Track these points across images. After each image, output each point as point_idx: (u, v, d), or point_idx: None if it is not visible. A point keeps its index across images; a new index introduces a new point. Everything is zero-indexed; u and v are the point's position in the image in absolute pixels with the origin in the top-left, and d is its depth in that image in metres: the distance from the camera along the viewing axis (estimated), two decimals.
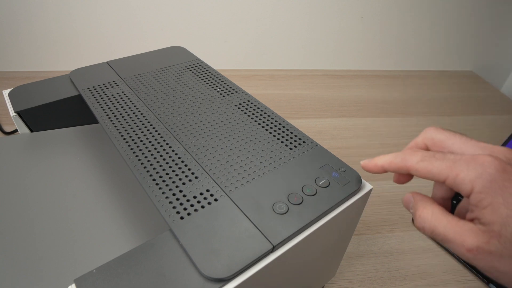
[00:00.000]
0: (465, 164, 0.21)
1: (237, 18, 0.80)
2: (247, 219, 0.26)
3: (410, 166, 0.24)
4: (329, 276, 0.40)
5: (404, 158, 0.24)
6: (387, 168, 0.26)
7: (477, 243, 0.20)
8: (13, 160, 0.36)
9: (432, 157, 0.23)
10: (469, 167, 0.21)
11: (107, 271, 0.23)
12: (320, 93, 0.82)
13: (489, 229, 0.20)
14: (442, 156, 0.22)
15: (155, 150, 0.31)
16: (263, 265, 0.24)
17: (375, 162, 0.26)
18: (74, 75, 0.43)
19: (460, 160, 0.21)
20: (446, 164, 0.22)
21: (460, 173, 0.21)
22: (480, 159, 0.21)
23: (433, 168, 0.22)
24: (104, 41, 0.77)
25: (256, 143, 0.33)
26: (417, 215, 0.23)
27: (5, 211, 0.31)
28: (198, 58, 0.48)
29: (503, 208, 0.19)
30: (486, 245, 0.20)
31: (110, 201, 0.33)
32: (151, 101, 0.38)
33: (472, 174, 0.20)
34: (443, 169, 0.22)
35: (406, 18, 0.89)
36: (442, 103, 0.84)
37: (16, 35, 0.72)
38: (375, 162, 0.26)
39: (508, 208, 0.19)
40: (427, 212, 0.23)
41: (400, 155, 0.25)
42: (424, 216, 0.23)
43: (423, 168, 0.23)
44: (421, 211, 0.23)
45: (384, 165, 0.26)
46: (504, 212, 0.19)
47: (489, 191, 0.20)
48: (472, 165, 0.21)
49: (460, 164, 0.21)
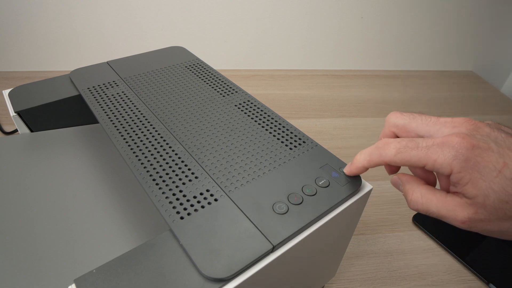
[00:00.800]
0: (439, 149, 0.23)
1: (237, 18, 0.80)
2: (247, 219, 0.26)
3: (388, 161, 0.25)
4: (329, 276, 0.40)
5: (380, 154, 0.26)
6: (368, 167, 0.27)
7: (468, 215, 0.22)
8: (13, 160, 0.36)
9: (406, 147, 0.24)
10: (443, 151, 0.23)
11: (107, 271, 0.23)
12: (320, 93, 0.82)
13: (474, 201, 0.22)
14: (415, 144, 0.24)
15: (155, 150, 0.31)
16: (263, 265, 0.24)
17: (356, 166, 0.28)
18: (74, 75, 0.43)
19: (433, 146, 0.23)
20: (422, 152, 0.23)
21: (437, 158, 0.23)
22: (450, 141, 0.23)
23: (410, 158, 0.24)
24: (104, 41, 0.77)
25: (256, 143, 0.33)
26: (409, 199, 0.26)
27: (5, 211, 0.31)
28: (198, 58, 0.48)
29: (481, 181, 0.22)
30: (475, 215, 0.22)
31: (110, 201, 0.33)
32: (151, 101, 0.38)
33: (448, 157, 0.22)
34: (420, 158, 0.23)
35: (406, 18, 0.89)
36: (442, 103, 0.84)
37: (16, 35, 0.72)
38: (356, 166, 0.28)
39: (485, 180, 0.21)
40: (417, 196, 0.25)
41: (376, 151, 0.26)
42: (415, 199, 0.25)
43: (401, 160, 0.24)
44: (411, 195, 0.26)
45: (365, 165, 0.27)
46: (483, 185, 0.21)
47: (466, 169, 0.22)
48: (445, 148, 0.23)
49: (435, 150, 0.23)
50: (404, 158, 0.24)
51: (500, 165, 0.21)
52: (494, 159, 0.22)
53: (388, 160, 0.25)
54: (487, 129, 0.24)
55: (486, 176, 0.21)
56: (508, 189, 0.21)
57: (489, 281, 0.44)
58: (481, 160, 0.22)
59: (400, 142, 0.25)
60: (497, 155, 0.22)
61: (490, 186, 0.21)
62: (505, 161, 0.21)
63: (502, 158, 0.22)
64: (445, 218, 0.24)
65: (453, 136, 0.23)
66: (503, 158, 0.22)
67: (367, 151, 0.27)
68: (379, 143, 0.26)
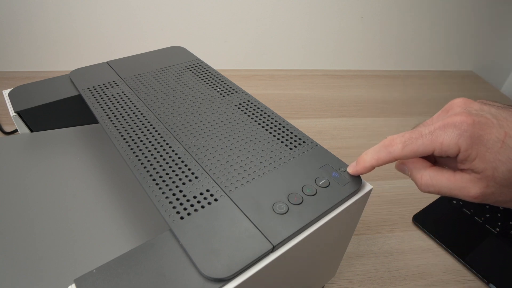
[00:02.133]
0: (442, 131, 0.23)
1: (237, 18, 0.80)
2: (247, 219, 0.26)
3: (397, 156, 0.25)
4: (329, 276, 0.40)
5: (388, 152, 0.26)
6: (376, 165, 0.27)
7: (479, 189, 0.23)
8: (13, 160, 0.36)
9: (411, 138, 0.25)
10: (447, 133, 0.23)
11: (107, 271, 0.23)
12: (320, 93, 0.82)
13: (484, 175, 0.22)
14: (418, 133, 0.24)
15: (155, 150, 0.31)
16: (263, 265, 0.24)
17: (363, 165, 0.28)
18: (74, 75, 0.43)
19: (436, 130, 0.24)
20: (427, 139, 0.24)
21: (443, 141, 0.23)
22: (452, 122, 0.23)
23: (418, 148, 0.24)
24: (104, 41, 0.77)
25: (256, 143, 0.33)
26: (419, 183, 0.26)
27: (5, 211, 0.31)
28: (198, 58, 0.48)
29: (488, 154, 0.22)
30: (486, 188, 0.23)
31: (110, 201, 0.33)
32: (151, 101, 0.38)
33: (453, 137, 0.23)
34: (427, 145, 0.24)
35: (406, 18, 0.89)
36: (442, 103, 0.83)
37: (16, 35, 0.72)
38: (363, 165, 0.28)
39: (491, 152, 0.22)
40: (426, 179, 0.25)
41: (384, 149, 0.26)
42: (425, 182, 0.25)
43: (410, 152, 0.25)
44: (420, 179, 0.26)
45: (373, 163, 0.27)
46: (490, 157, 0.22)
47: (472, 145, 0.22)
48: (448, 129, 0.23)
49: (439, 134, 0.23)
50: (412, 149, 0.24)
51: (502, 135, 0.22)
52: (495, 130, 0.22)
53: (397, 155, 0.25)
54: (478, 104, 0.24)
55: (491, 148, 0.22)
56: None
57: (489, 281, 0.44)
58: (484, 133, 0.22)
59: (403, 136, 0.25)
60: (497, 126, 0.22)
61: (496, 157, 0.22)
62: (505, 131, 0.22)
63: (502, 128, 0.22)
64: (457, 196, 0.24)
65: (452, 116, 0.23)
66: (503, 128, 0.22)
67: (374, 150, 0.27)
68: (385, 141, 0.26)
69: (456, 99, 0.26)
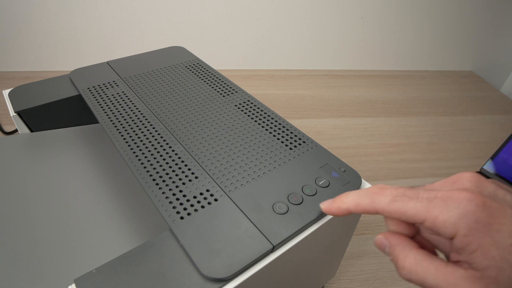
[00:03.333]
0: (442, 203, 0.19)
1: (237, 18, 0.80)
2: (247, 219, 0.26)
3: (380, 209, 0.21)
4: (329, 276, 0.40)
5: (372, 200, 0.21)
6: (353, 211, 0.23)
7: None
8: (13, 160, 0.36)
9: (404, 195, 0.20)
10: (448, 207, 0.19)
11: (107, 271, 0.23)
12: (320, 93, 0.82)
13: (484, 275, 0.18)
14: (414, 194, 0.20)
15: (155, 150, 0.31)
16: (263, 265, 0.24)
17: (339, 206, 0.24)
18: (74, 75, 0.43)
19: (436, 199, 0.19)
20: (421, 205, 0.19)
21: (439, 215, 0.19)
22: (457, 196, 0.19)
23: (407, 210, 0.20)
24: (104, 41, 0.77)
25: (256, 143, 0.33)
26: (400, 266, 0.21)
27: (5, 211, 0.31)
28: (198, 58, 0.48)
29: (494, 249, 0.17)
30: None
31: (110, 201, 0.33)
32: (151, 101, 0.38)
33: (453, 215, 0.18)
34: (419, 211, 0.19)
35: (406, 18, 0.89)
36: (442, 103, 0.84)
37: (16, 35, 0.72)
38: (338, 206, 0.24)
39: (499, 248, 0.17)
40: (410, 262, 0.20)
41: (368, 195, 0.22)
42: (408, 267, 0.20)
43: (396, 211, 0.20)
44: (403, 261, 0.20)
45: (350, 208, 0.23)
46: (496, 254, 0.17)
47: (475, 233, 0.18)
48: (450, 204, 0.19)
49: (437, 204, 0.19)
50: (400, 209, 0.20)
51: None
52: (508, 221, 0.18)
53: (380, 208, 0.21)
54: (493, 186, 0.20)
55: (500, 243, 0.17)
56: None
57: None
58: (494, 222, 0.18)
59: (397, 189, 0.21)
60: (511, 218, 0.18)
61: (504, 256, 0.17)
62: None
63: None
64: None
65: (460, 190, 0.19)
66: None
67: (357, 194, 0.23)
68: (374, 188, 0.22)
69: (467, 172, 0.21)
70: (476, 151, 0.68)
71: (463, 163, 0.65)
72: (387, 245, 0.22)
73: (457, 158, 0.66)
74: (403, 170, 0.62)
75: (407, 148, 0.67)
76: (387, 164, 0.62)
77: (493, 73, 1.00)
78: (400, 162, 0.63)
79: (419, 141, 0.70)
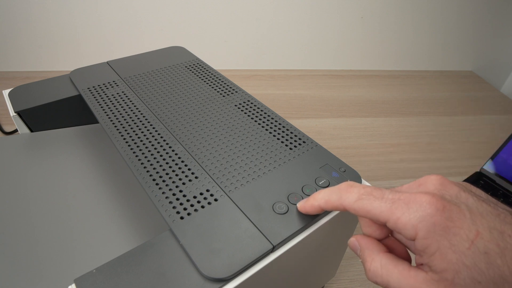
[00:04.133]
0: (405, 205, 0.19)
1: (237, 18, 0.80)
2: (247, 219, 0.26)
3: (347, 206, 0.22)
4: (329, 276, 0.40)
5: (340, 197, 0.22)
6: (324, 208, 0.24)
7: None
8: (13, 160, 0.36)
9: (370, 195, 0.21)
10: (409, 210, 0.19)
11: (107, 271, 0.23)
12: (320, 93, 0.82)
13: (442, 277, 0.18)
14: (380, 194, 0.21)
15: (155, 150, 0.31)
16: (263, 265, 0.24)
17: (311, 203, 0.25)
18: (74, 75, 0.43)
19: (399, 201, 0.20)
20: (385, 205, 0.20)
21: (401, 216, 0.19)
22: (418, 199, 0.19)
23: (372, 209, 0.20)
24: (104, 41, 0.77)
25: (256, 143, 0.33)
26: (367, 268, 0.21)
27: (5, 211, 0.31)
28: (198, 58, 0.48)
29: (451, 253, 0.18)
30: None
31: (110, 201, 0.33)
32: (151, 101, 0.38)
33: (413, 217, 0.19)
34: (382, 211, 0.20)
35: (406, 18, 0.89)
36: (442, 103, 0.84)
37: (16, 35, 0.72)
38: (311, 203, 0.25)
39: (456, 252, 0.18)
40: (376, 265, 0.21)
41: (337, 192, 0.23)
42: (374, 269, 0.21)
43: (361, 209, 0.21)
44: (369, 264, 0.21)
45: (321, 205, 0.24)
46: (453, 257, 0.18)
47: (434, 236, 0.18)
48: (412, 206, 0.19)
49: (400, 206, 0.19)
50: (364, 207, 0.21)
51: (473, 234, 0.18)
52: (466, 225, 0.18)
53: (347, 205, 0.22)
54: (456, 189, 0.20)
55: (457, 246, 0.18)
56: (481, 266, 0.17)
57: None
58: (452, 225, 0.18)
59: (364, 188, 0.21)
60: (470, 222, 0.18)
61: (461, 259, 0.17)
62: (478, 229, 0.18)
63: (475, 225, 0.18)
64: None
65: (422, 193, 0.19)
66: (476, 226, 0.18)
67: (328, 191, 0.24)
68: (342, 185, 0.23)
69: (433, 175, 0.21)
70: (476, 151, 0.68)
71: (463, 163, 0.65)
72: (358, 247, 0.23)
73: (457, 158, 0.66)
74: (403, 170, 0.62)
75: (407, 148, 0.67)
76: (387, 164, 0.62)
77: (493, 73, 1.00)
78: (400, 162, 0.63)
79: (419, 141, 0.70)
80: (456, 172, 0.63)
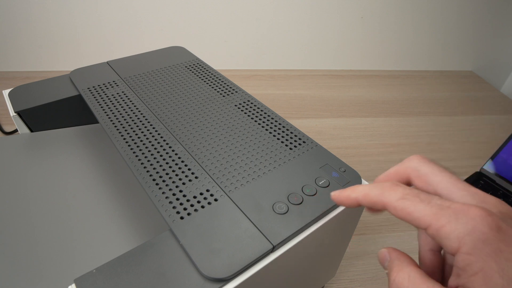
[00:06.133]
0: (453, 214, 0.17)
1: (237, 18, 0.80)
2: (247, 219, 0.26)
3: (387, 203, 0.20)
4: (329, 276, 0.40)
5: (382, 193, 0.20)
6: (361, 202, 0.22)
7: None
8: (13, 160, 0.36)
9: (416, 196, 0.19)
10: (457, 220, 0.17)
11: (107, 271, 0.23)
12: (320, 93, 0.82)
13: None
14: (427, 198, 0.19)
15: (155, 150, 0.31)
16: (263, 265, 0.24)
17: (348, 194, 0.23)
18: (74, 75, 0.43)
19: (448, 209, 0.18)
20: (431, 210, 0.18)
21: (446, 224, 0.17)
22: (472, 212, 0.17)
23: (415, 211, 0.18)
24: (104, 41, 0.77)
25: (256, 143, 0.33)
26: (391, 279, 0.19)
27: (5, 211, 0.31)
28: (198, 58, 0.48)
29: (497, 277, 0.16)
30: None
31: (110, 201, 0.33)
32: (151, 101, 0.38)
33: (460, 229, 0.17)
34: (426, 215, 0.18)
35: (406, 18, 0.89)
36: (442, 103, 0.84)
37: (16, 35, 0.72)
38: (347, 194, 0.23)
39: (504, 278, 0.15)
40: (403, 277, 0.19)
41: (378, 188, 0.21)
42: (399, 281, 0.19)
43: (403, 209, 0.19)
44: (395, 275, 0.19)
45: (359, 198, 0.22)
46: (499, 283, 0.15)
47: (480, 254, 0.16)
48: (461, 217, 0.17)
49: (448, 214, 0.17)
50: (407, 208, 0.19)
51: None
52: None
53: (387, 202, 0.20)
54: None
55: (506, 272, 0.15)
56: None
57: None
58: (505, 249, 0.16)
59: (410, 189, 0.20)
60: None
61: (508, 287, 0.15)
62: None
63: None
64: None
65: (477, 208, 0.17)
66: None
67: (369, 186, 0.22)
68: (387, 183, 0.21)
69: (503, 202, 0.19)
70: (476, 151, 0.68)
71: (463, 163, 0.65)
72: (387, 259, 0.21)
73: (457, 158, 0.66)
74: None
75: (407, 148, 0.67)
76: (387, 164, 0.62)
77: (493, 73, 1.00)
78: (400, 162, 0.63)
79: (419, 141, 0.70)
80: (456, 172, 0.63)
